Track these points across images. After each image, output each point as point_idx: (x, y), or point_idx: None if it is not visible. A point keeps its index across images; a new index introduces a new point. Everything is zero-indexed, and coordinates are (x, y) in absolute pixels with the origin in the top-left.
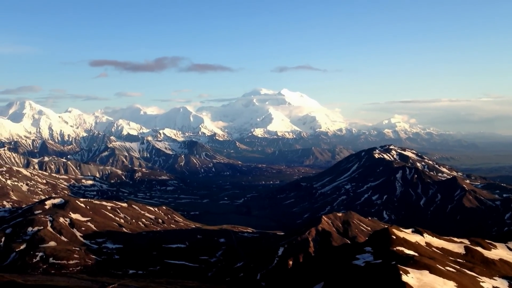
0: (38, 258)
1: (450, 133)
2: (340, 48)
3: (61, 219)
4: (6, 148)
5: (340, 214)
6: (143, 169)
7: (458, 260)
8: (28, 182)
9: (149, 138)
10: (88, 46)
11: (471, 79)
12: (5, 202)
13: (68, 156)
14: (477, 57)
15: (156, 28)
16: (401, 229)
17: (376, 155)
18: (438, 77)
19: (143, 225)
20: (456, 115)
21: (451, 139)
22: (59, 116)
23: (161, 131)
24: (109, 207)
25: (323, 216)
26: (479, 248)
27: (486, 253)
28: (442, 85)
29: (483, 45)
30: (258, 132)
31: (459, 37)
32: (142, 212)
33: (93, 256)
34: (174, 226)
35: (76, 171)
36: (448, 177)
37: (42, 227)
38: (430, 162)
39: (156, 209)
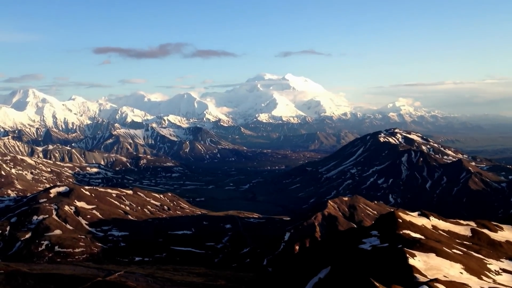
0: (43, 247)
1: (455, 115)
2: (344, 32)
3: (66, 207)
4: (10, 136)
5: (346, 199)
6: (148, 156)
7: (465, 242)
8: (33, 170)
9: (154, 125)
10: (92, 34)
11: (475, 61)
12: (9, 191)
13: (73, 144)
14: (481, 39)
15: (160, 14)
16: (407, 212)
17: (381, 139)
18: (442, 60)
19: (148, 212)
20: (461, 98)
21: (456, 121)
22: (63, 104)
23: (165, 118)
24: (114, 195)
25: (329, 201)
26: (485, 230)
27: (492, 235)
28: (446, 68)
29: (487, 27)
30: (263, 117)
31: (463, 20)
32: (148, 199)
33: (99, 244)
34: (179, 212)
35: (81, 159)
36: (454, 159)
37: (47, 216)
38: (435, 145)
39: (161, 196)
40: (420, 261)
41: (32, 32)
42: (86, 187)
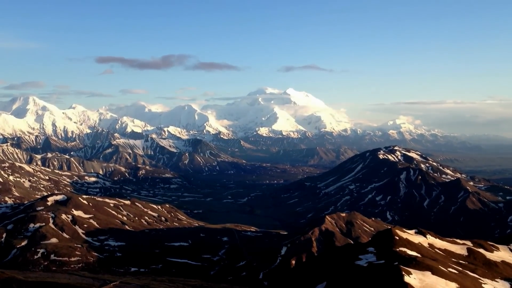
0: (39, 255)
1: (454, 135)
2: (346, 48)
3: (63, 216)
4: (9, 143)
5: (343, 214)
6: (147, 167)
7: (461, 261)
8: (31, 178)
9: (153, 136)
10: (95, 43)
11: (476, 81)
12: (7, 198)
13: (71, 153)
14: (482, 59)
15: (164, 26)
16: (404, 230)
17: (381, 156)
18: (444, 79)
19: (146, 223)
20: (461, 117)
21: (456, 141)
22: (63, 112)
23: (165, 129)
24: (112, 204)
25: (327, 216)
26: (481, 250)
27: (488, 255)
28: (447, 87)
29: (489, 47)
30: (263, 131)
31: (465, 39)
32: (145, 209)
33: (95, 254)
34: (177, 224)
35: (79, 167)
36: (452, 178)
37: (44, 224)
38: (434, 163)
39: (159, 207)
40: (415, 279)
41: (34, 40)
42: (84, 196)
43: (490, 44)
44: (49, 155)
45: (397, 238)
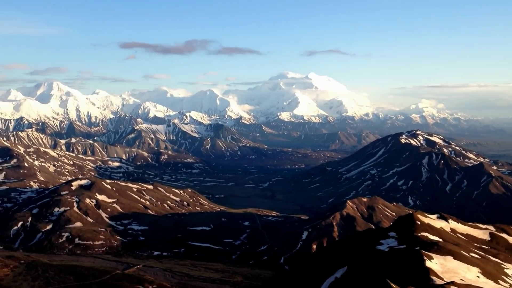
0: (64, 239)
1: (477, 118)
2: (370, 32)
3: (87, 200)
4: (33, 129)
5: (365, 199)
6: (169, 152)
7: (483, 246)
8: (55, 163)
9: (176, 121)
10: (120, 29)
11: (499, 64)
12: (32, 183)
13: (95, 138)
14: (506, 41)
15: (188, 11)
16: (426, 214)
17: (403, 140)
18: (467, 62)
19: (168, 208)
20: (484, 101)
21: (479, 124)
22: (87, 98)
23: (187, 114)
24: (135, 189)
25: (348, 201)
26: (504, 235)
27: (511, 239)
28: (470, 70)
29: None
30: (284, 116)
31: (488, 22)
32: (168, 194)
33: (119, 237)
34: (199, 208)
35: (103, 152)
36: (475, 163)
37: (68, 208)
38: (457, 147)
39: (181, 191)
40: (437, 263)
41: (58, 26)
42: (107, 181)
43: None
44: (73, 140)
45: (419, 223)
